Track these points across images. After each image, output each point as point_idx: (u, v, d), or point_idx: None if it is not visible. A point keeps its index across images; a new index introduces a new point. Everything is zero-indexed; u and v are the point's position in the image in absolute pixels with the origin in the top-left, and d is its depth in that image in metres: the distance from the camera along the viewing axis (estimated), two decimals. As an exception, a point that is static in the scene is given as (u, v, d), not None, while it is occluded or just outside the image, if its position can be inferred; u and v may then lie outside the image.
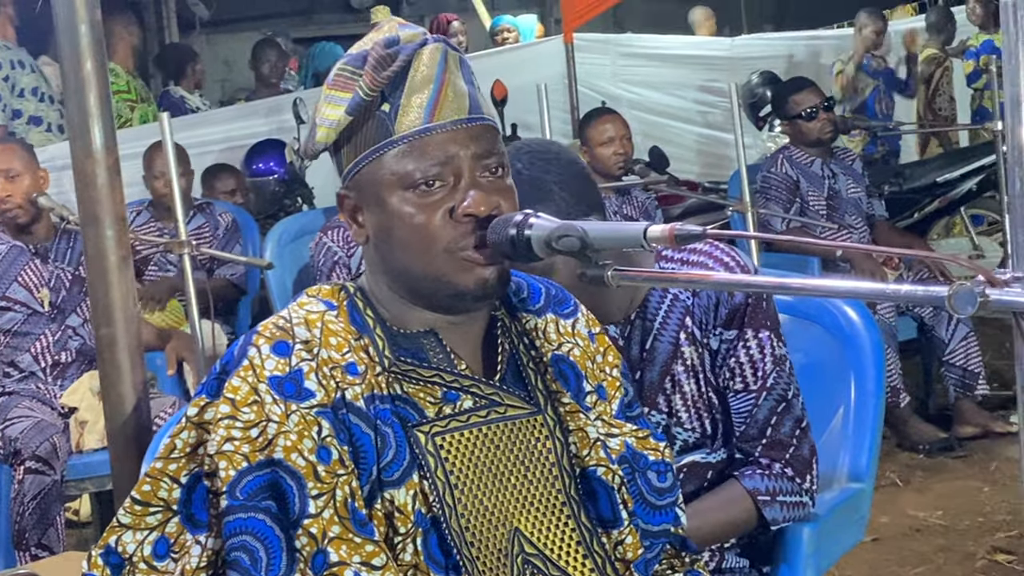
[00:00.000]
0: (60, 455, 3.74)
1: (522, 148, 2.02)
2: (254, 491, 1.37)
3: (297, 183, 5.91)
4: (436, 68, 1.46)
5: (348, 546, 1.37)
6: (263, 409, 1.39)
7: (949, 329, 4.83)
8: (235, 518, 1.37)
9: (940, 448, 4.71)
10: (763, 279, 1.45)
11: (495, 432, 1.50)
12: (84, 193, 2.04)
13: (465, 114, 1.46)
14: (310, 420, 1.40)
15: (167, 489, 1.44)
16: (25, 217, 4.03)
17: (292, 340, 1.44)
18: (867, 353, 2.30)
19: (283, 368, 1.41)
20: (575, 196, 1.96)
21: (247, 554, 1.36)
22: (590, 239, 1.41)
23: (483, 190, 1.45)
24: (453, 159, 1.45)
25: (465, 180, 1.45)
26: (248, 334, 1.46)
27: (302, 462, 1.38)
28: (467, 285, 1.45)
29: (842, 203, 5.18)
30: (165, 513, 1.45)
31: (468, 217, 1.44)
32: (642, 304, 2.05)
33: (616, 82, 7.62)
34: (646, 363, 2.05)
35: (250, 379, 1.41)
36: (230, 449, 1.38)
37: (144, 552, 1.44)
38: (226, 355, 1.46)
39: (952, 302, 1.13)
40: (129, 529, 1.45)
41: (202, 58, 8.24)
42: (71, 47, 2.01)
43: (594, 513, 1.54)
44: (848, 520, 2.24)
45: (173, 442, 1.45)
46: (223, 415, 1.40)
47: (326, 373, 1.43)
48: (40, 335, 4.03)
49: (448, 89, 1.46)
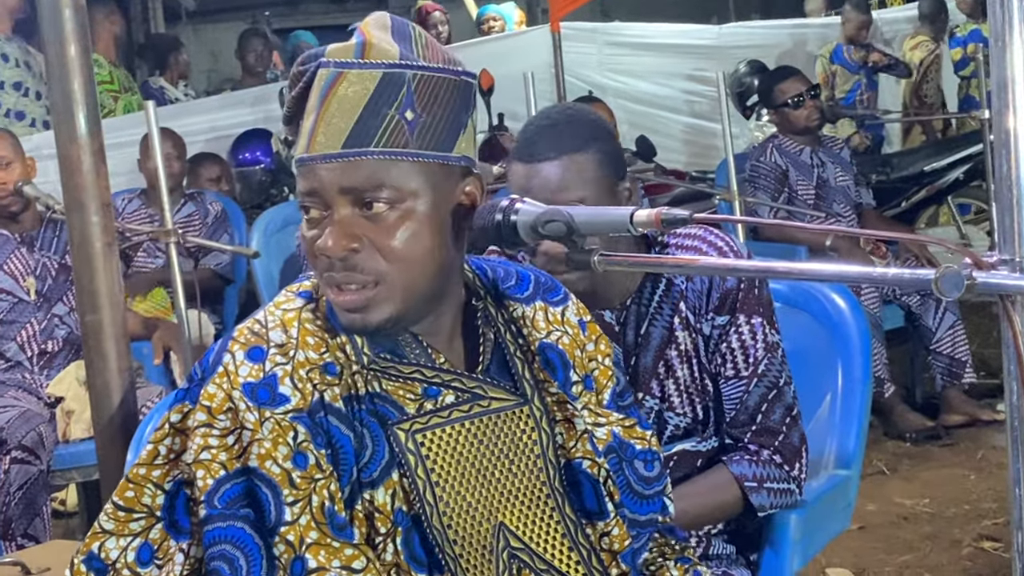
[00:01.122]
0: (46, 445, 3.73)
1: (550, 107, 2.12)
2: (232, 499, 1.36)
3: (283, 173, 5.90)
4: (318, 96, 1.40)
5: (327, 551, 1.36)
6: (237, 416, 1.38)
7: (936, 318, 4.85)
8: (214, 527, 1.36)
9: (927, 436, 4.73)
10: (751, 263, 1.45)
11: (478, 426, 1.49)
12: (69, 179, 2.03)
13: (337, 148, 1.38)
14: (285, 426, 1.38)
15: (151, 495, 1.43)
16: (16, 206, 4.02)
17: (267, 345, 1.42)
18: (854, 340, 2.30)
19: (257, 374, 1.40)
20: (606, 143, 2.02)
21: (227, 563, 1.35)
22: (576, 224, 1.41)
23: (343, 227, 1.39)
24: (319, 191, 1.40)
25: (331, 214, 1.40)
26: (224, 339, 1.45)
27: (277, 469, 1.37)
28: (342, 321, 1.43)
29: (830, 191, 5.19)
30: (148, 519, 1.43)
31: (322, 254, 1.40)
32: (638, 290, 2.05)
33: (603, 71, 7.61)
34: (641, 348, 2.05)
35: (224, 386, 1.39)
36: (207, 458, 1.37)
37: (128, 558, 1.43)
38: (204, 359, 1.45)
39: (939, 285, 1.13)
40: (112, 535, 1.44)
41: (188, 48, 8.21)
42: (55, 32, 1.99)
43: (579, 505, 1.53)
44: (835, 507, 2.24)
45: (156, 448, 1.43)
46: (200, 423, 1.39)
47: (302, 376, 1.41)
48: (26, 324, 4.02)
49: (324, 119, 1.39)
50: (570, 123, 1.99)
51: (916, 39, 8.23)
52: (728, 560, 2.11)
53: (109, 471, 2.04)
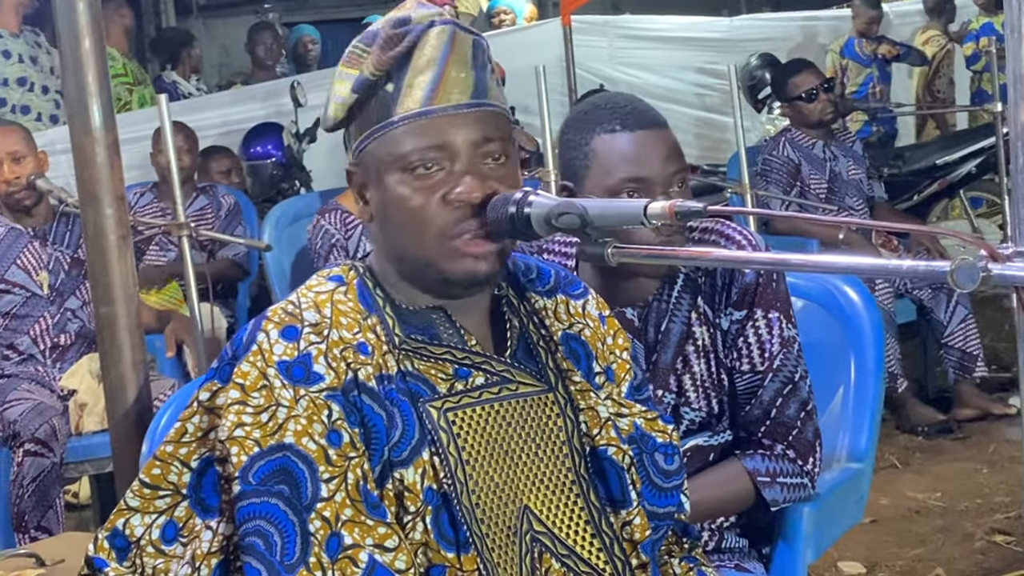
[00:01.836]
0: (59, 437, 3.74)
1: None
2: (266, 476, 1.37)
3: (295, 166, 5.91)
4: (441, 51, 1.45)
5: (361, 528, 1.37)
6: (272, 394, 1.39)
7: (948, 311, 4.83)
8: (248, 503, 1.36)
9: (939, 430, 4.72)
10: (766, 256, 1.44)
11: (506, 409, 1.50)
12: (83, 172, 2.03)
13: (467, 99, 1.45)
14: (320, 404, 1.39)
15: (177, 473, 1.44)
16: (29, 199, 4.04)
17: (301, 324, 1.43)
18: (867, 333, 2.29)
19: (292, 352, 1.41)
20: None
21: (261, 539, 1.35)
22: (590, 216, 1.40)
23: (479, 176, 1.44)
24: (451, 144, 1.44)
25: (461, 165, 1.44)
26: (258, 319, 1.46)
27: (313, 446, 1.38)
28: (454, 273, 1.45)
29: (842, 185, 5.18)
30: (174, 497, 1.44)
31: (462, 203, 1.43)
32: (659, 286, 2.05)
33: (614, 64, 7.60)
34: (661, 344, 2.04)
35: (259, 364, 1.41)
36: (241, 435, 1.38)
37: (152, 536, 1.44)
38: (235, 339, 1.46)
39: (954, 277, 1.13)
40: (137, 512, 1.45)
41: (199, 43, 8.21)
42: (69, 25, 2.00)
43: (603, 493, 1.54)
44: (848, 500, 2.24)
45: (184, 426, 1.44)
46: (233, 400, 1.39)
47: (336, 355, 1.42)
48: (39, 318, 4.03)
49: (450, 73, 1.45)
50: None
51: (927, 33, 8.20)
52: (741, 553, 2.11)
53: (123, 463, 2.04)
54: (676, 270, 2.04)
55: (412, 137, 1.43)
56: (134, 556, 1.45)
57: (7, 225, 4.07)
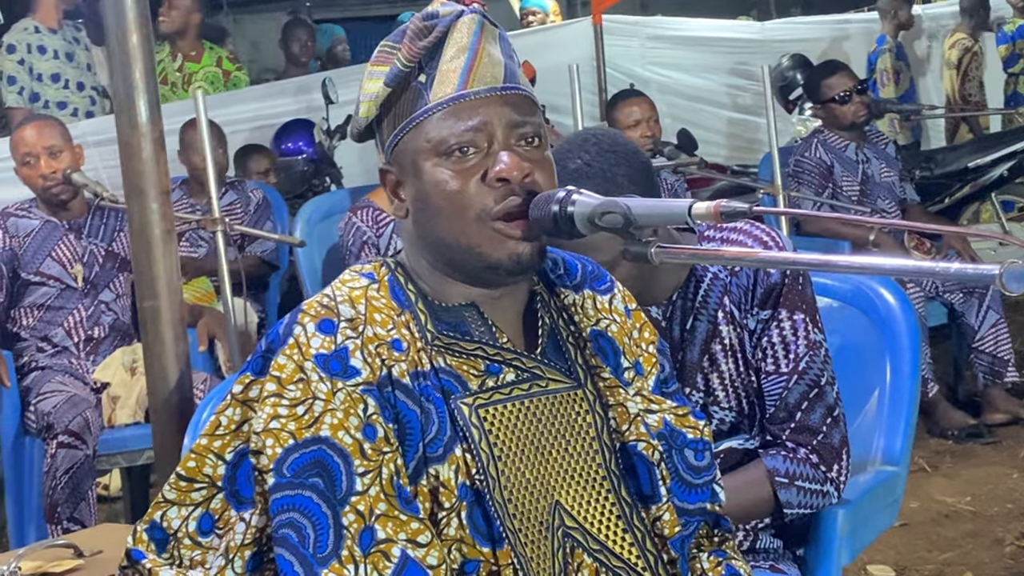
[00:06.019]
0: (92, 430, 3.77)
1: (588, 139, 2.02)
2: (301, 468, 1.37)
3: (326, 163, 5.92)
4: (471, 37, 1.47)
5: (394, 523, 1.38)
6: (309, 387, 1.39)
7: (979, 316, 4.81)
8: (282, 495, 1.37)
9: (969, 434, 4.69)
10: (808, 256, 1.43)
11: (537, 405, 1.50)
12: (129, 166, 2.05)
13: (500, 82, 1.46)
14: (356, 398, 1.40)
15: (212, 466, 1.44)
16: (66, 194, 4.06)
17: (337, 318, 1.44)
18: (903, 336, 2.29)
19: (329, 346, 1.42)
20: (643, 191, 1.95)
21: (295, 531, 1.36)
22: (634, 215, 1.39)
23: (518, 155, 1.45)
24: (487, 125, 1.44)
25: (498, 145, 1.45)
26: (293, 312, 1.47)
27: (348, 440, 1.38)
28: (499, 258, 1.45)
29: (875, 187, 5.16)
30: (210, 489, 1.45)
31: (501, 182, 1.43)
32: (684, 284, 2.05)
33: (644, 64, 7.59)
34: (686, 343, 2.04)
35: (296, 357, 1.41)
36: (276, 427, 1.38)
37: (189, 528, 1.45)
38: (271, 333, 1.47)
39: (1003, 280, 1.13)
40: (174, 505, 1.46)
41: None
42: (117, 21, 2.02)
43: (634, 488, 1.54)
44: (881, 503, 2.23)
45: (218, 419, 1.45)
46: (269, 393, 1.40)
47: (371, 351, 1.43)
48: (73, 310, 4.06)
49: (483, 56, 1.46)
50: (599, 166, 1.99)
51: (953, 37, 8.16)
52: (776, 554, 2.11)
53: (164, 454, 2.06)
54: (704, 269, 2.04)
55: (448, 121, 1.44)
56: (172, 548, 1.46)
57: (43, 218, 4.10)
